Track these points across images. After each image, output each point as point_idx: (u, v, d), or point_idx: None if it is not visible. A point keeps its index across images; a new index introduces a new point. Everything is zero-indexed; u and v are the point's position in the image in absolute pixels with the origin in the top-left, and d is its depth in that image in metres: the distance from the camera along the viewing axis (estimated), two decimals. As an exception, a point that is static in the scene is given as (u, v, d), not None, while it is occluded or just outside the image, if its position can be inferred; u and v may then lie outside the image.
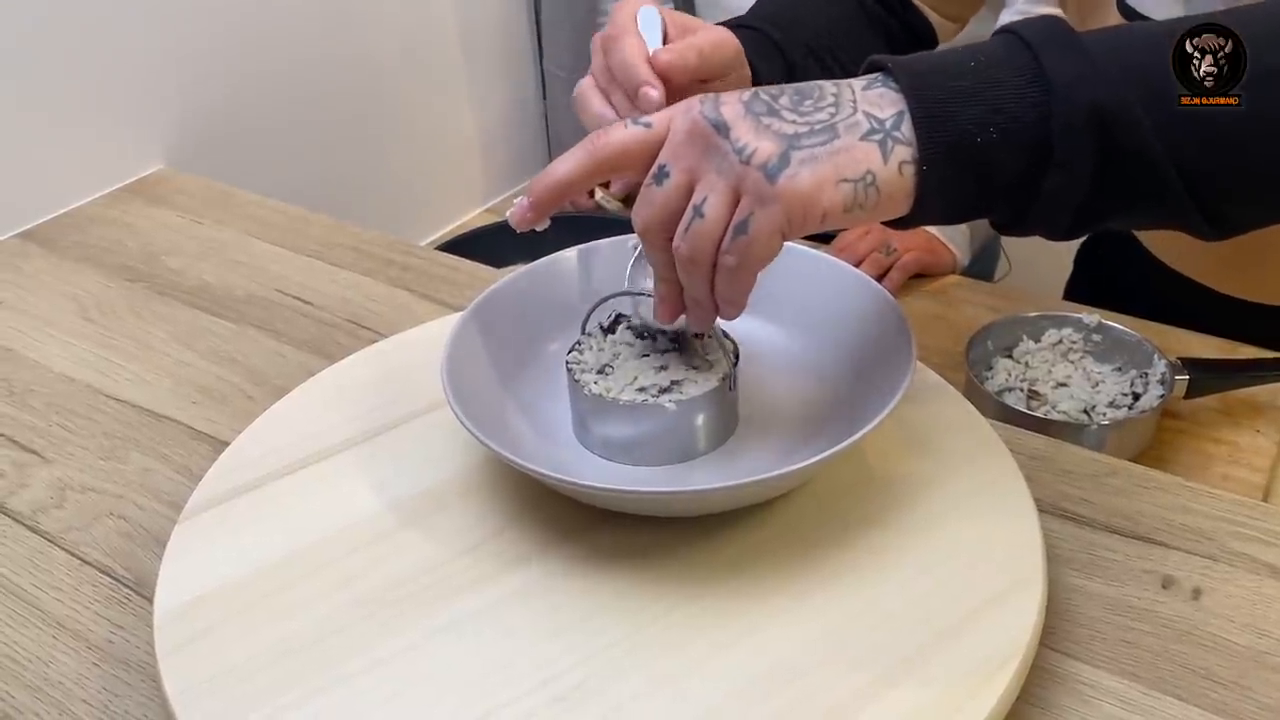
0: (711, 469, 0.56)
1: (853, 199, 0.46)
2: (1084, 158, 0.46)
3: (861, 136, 0.46)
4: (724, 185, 0.47)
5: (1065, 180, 0.46)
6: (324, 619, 0.51)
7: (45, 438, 0.70)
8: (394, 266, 0.87)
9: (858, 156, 0.46)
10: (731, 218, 0.47)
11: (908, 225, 0.49)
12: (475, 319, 0.60)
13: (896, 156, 0.46)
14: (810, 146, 0.46)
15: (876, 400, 0.52)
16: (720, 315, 0.51)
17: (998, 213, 0.49)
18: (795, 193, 0.45)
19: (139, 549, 0.61)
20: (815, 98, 0.47)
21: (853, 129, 0.46)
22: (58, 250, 0.92)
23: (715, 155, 0.47)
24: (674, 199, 0.48)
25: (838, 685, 0.46)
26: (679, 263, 0.49)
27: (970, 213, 0.49)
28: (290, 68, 1.19)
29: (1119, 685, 0.50)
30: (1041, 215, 0.48)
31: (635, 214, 0.50)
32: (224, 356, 0.77)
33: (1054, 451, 0.63)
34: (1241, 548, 0.56)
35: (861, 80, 0.48)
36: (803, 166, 0.45)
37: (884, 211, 0.47)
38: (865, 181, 0.46)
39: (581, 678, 0.47)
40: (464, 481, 0.58)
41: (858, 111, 0.47)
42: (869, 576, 0.51)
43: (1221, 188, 0.48)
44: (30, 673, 0.54)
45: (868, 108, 0.47)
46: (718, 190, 0.47)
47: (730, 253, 0.47)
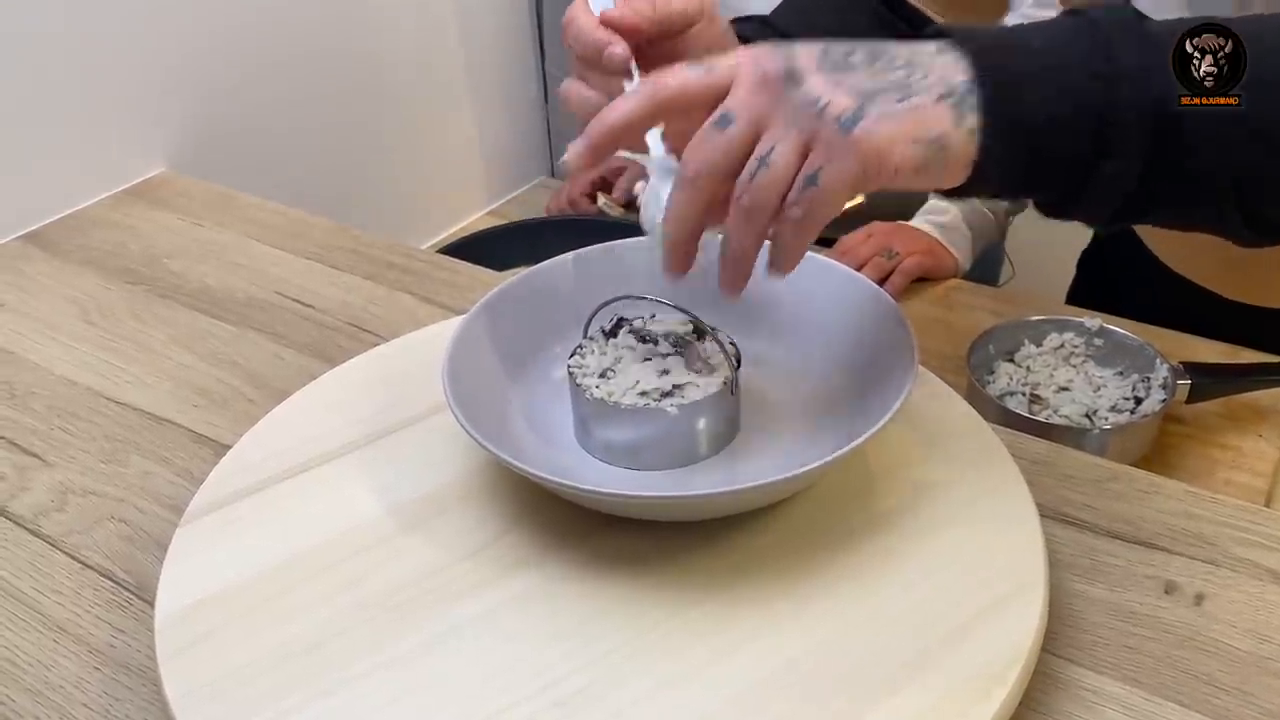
0: (713, 473, 0.56)
1: (924, 160, 0.46)
2: (1141, 149, 0.46)
3: (937, 99, 0.46)
4: (794, 135, 0.46)
5: (1119, 169, 0.46)
6: (325, 623, 0.50)
7: (46, 441, 0.70)
8: (395, 269, 0.87)
9: (931, 117, 0.45)
10: (799, 169, 0.46)
11: (959, 195, 0.49)
12: (477, 322, 0.60)
13: (966, 123, 0.46)
14: (886, 102, 0.45)
15: (878, 405, 0.52)
16: (776, 270, 0.49)
17: (1047, 192, 0.49)
18: (870, 146, 0.45)
19: (140, 552, 0.61)
20: (888, 57, 0.47)
21: (928, 90, 0.46)
22: (59, 253, 0.92)
23: (786, 105, 0.46)
24: (736, 146, 0.47)
25: (840, 691, 0.46)
26: (736, 213, 0.47)
27: (1022, 189, 0.49)
28: (292, 71, 1.19)
29: (1121, 691, 0.50)
30: (1090, 201, 0.48)
31: (688, 157, 0.48)
32: (225, 359, 0.77)
33: (1056, 456, 0.63)
34: (1244, 553, 0.56)
35: (930, 45, 0.48)
36: (879, 122, 0.45)
37: (946, 177, 0.47)
38: (938, 144, 0.45)
39: (582, 683, 0.47)
40: (465, 485, 0.58)
41: (931, 74, 0.46)
42: (871, 582, 0.51)
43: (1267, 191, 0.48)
44: (31, 676, 0.54)
45: (941, 72, 0.46)
46: (787, 140, 0.46)
47: (797, 204, 0.46)
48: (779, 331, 0.63)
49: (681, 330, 0.59)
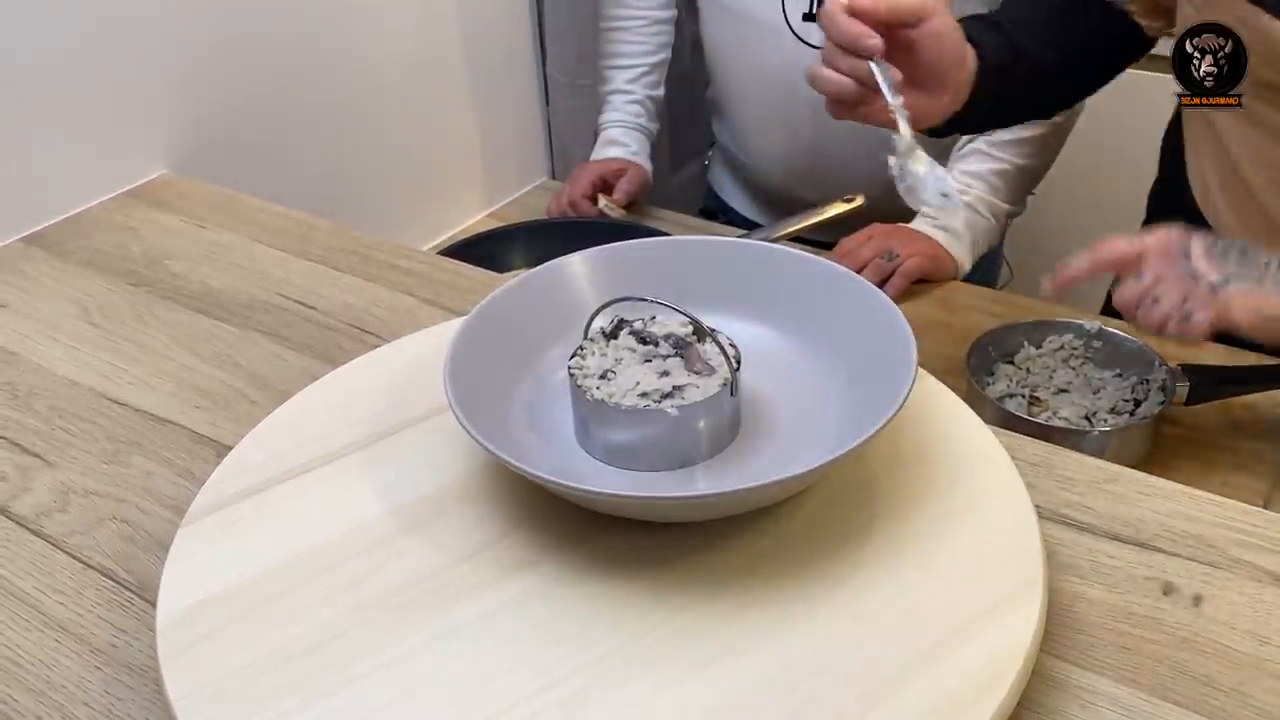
0: (713, 474, 0.56)
1: (1259, 326, 0.69)
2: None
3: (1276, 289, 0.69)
4: (1178, 290, 0.71)
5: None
6: (326, 623, 0.51)
7: (48, 441, 0.70)
8: (397, 271, 0.87)
9: (1273, 302, 0.69)
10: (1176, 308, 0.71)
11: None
12: (478, 324, 0.60)
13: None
14: (1244, 282, 0.69)
15: (878, 406, 0.52)
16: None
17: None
18: (1225, 303, 0.69)
19: (141, 552, 0.61)
20: (1255, 254, 0.70)
21: (1275, 281, 0.69)
22: (61, 254, 0.93)
23: (1177, 271, 0.71)
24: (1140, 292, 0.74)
25: (838, 692, 0.46)
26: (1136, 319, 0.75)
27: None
28: (293, 73, 1.19)
29: (1119, 692, 0.50)
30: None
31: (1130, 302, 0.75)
32: (227, 360, 0.77)
33: (1055, 458, 0.63)
34: (1243, 555, 0.56)
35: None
36: (1235, 291, 0.69)
37: (1269, 338, 0.72)
38: (1272, 319, 0.68)
39: (582, 684, 0.47)
40: (466, 486, 0.58)
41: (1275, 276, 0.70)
42: (870, 582, 0.51)
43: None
44: (33, 676, 0.54)
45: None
46: (1173, 293, 0.71)
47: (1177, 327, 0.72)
48: (779, 333, 0.63)
49: (682, 332, 0.59)
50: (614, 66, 1.39)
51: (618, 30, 1.38)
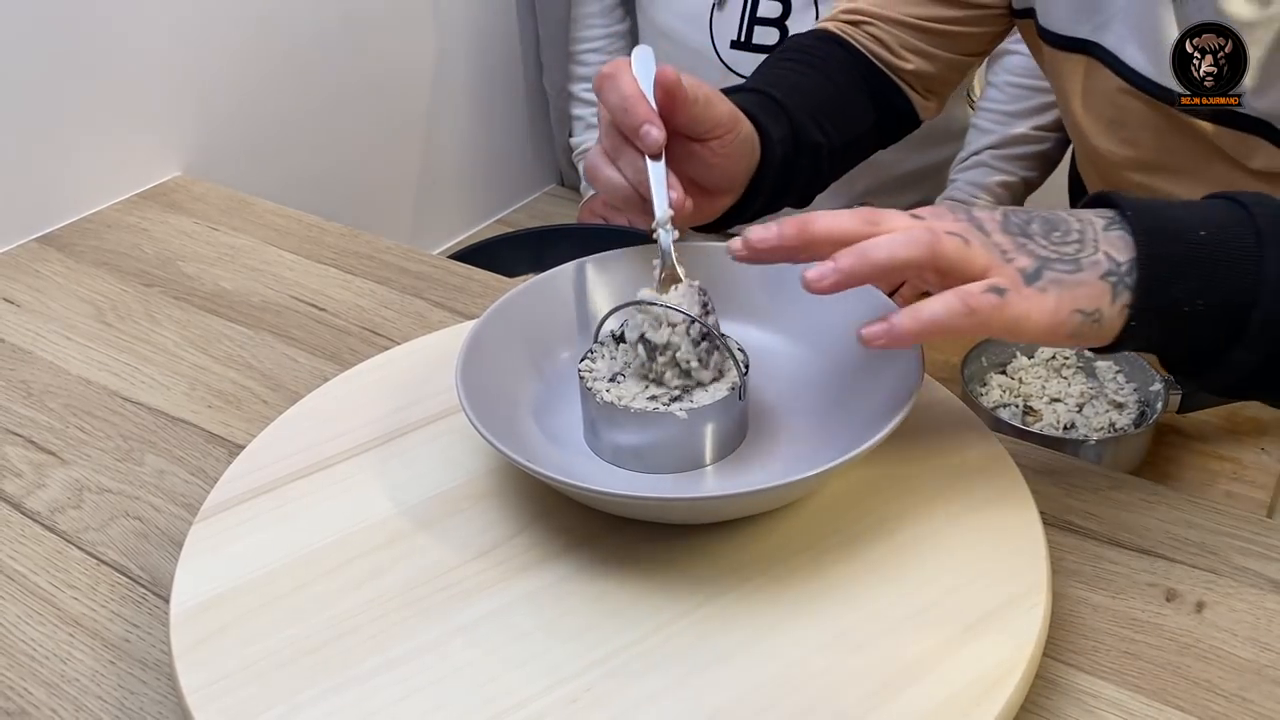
0: (721, 477, 0.57)
1: (1078, 328, 0.50)
2: (1269, 349, 0.50)
3: (1100, 275, 0.50)
4: (982, 256, 0.50)
5: (1245, 359, 0.51)
6: (338, 619, 0.51)
7: (62, 439, 0.71)
8: (408, 275, 0.88)
9: (1094, 293, 0.50)
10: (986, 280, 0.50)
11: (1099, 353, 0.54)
12: (489, 326, 0.61)
13: (1120, 300, 0.50)
14: (1059, 271, 0.50)
15: (884, 411, 0.53)
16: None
17: (1177, 363, 0.55)
18: (1041, 303, 0.49)
19: (154, 549, 0.62)
20: (1063, 230, 0.52)
21: (1094, 266, 0.50)
22: (76, 255, 0.93)
23: (977, 236, 0.51)
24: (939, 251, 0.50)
25: (843, 692, 0.47)
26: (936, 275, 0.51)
27: (1155, 353, 0.55)
28: (306, 80, 1.20)
29: (1122, 696, 0.50)
30: (1213, 379, 0.53)
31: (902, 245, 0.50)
32: (239, 361, 0.78)
33: (1059, 464, 0.64)
34: (1245, 563, 0.57)
35: (1101, 219, 0.52)
36: (1051, 285, 0.50)
37: (1093, 341, 0.52)
38: (1093, 317, 0.50)
39: (592, 681, 0.48)
40: (477, 487, 0.59)
41: (1099, 251, 0.51)
42: (875, 585, 0.51)
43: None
44: (47, 670, 0.55)
45: (1108, 248, 0.51)
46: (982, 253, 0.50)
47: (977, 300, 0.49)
48: (787, 338, 0.64)
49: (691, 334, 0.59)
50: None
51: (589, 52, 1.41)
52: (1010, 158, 1.17)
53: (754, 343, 0.61)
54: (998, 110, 1.20)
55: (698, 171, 0.64)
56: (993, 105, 1.20)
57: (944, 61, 0.83)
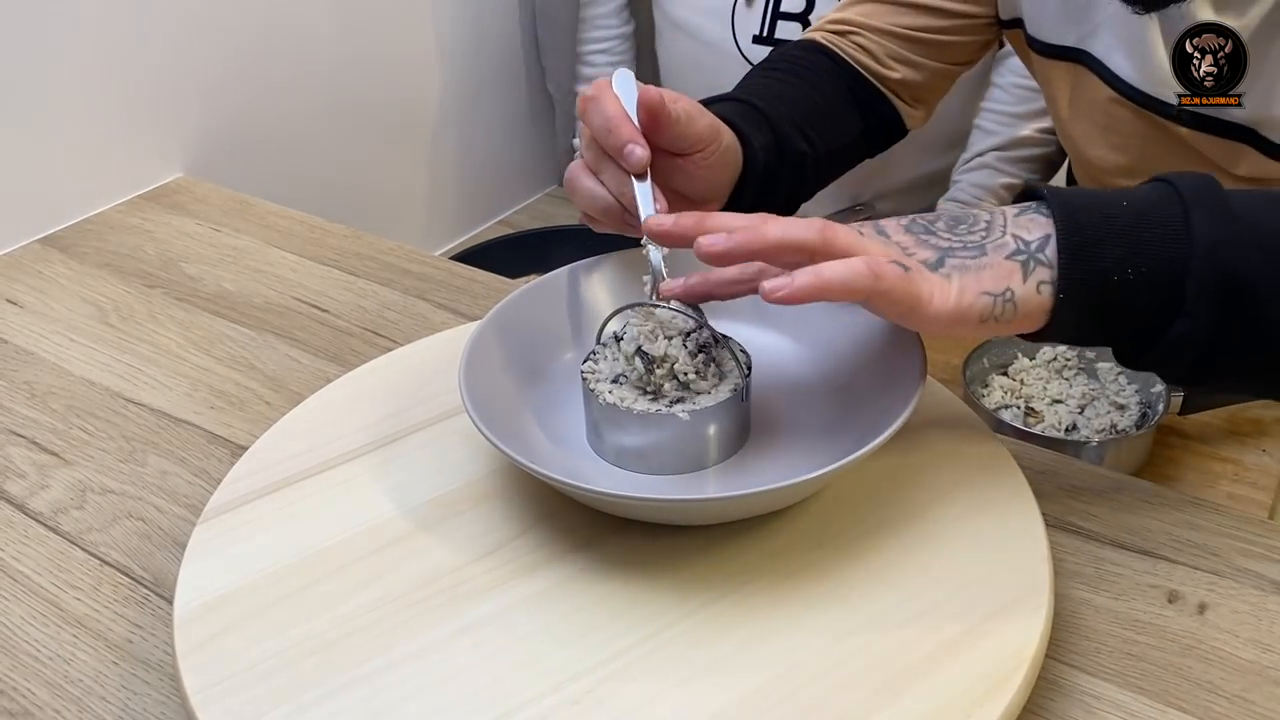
0: (723, 478, 0.57)
1: (990, 310, 0.50)
2: (1209, 317, 0.49)
3: (1007, 255, 0.50)
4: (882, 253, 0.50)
5: (1188, 332, 0.49)
6: (341, 620, 0.51)
7: (65, 440, 0.71)
8: (410, 276, 0.88)
9: (1000, 274, 0.50)
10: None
11: (1038, 340, 0.53)
12: (492, 328, 0.61)
13: (1036, 277, 0.50)
14: (961, 258, 0.51)
15: (887, 413, 0.53)
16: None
17: (1120, 347, 0.53)
18: (944, 287, 0.50)
19: (157, 550, 0.62)
20: (969, 223, 0.52)
21: (1000, 248, 0.51)
22: (78, 256, 0.93)
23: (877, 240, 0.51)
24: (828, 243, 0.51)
25: (846, 694, 0.47)
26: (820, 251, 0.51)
27: (1096, 340, 0.53)
28: (309, 81, 1.20)
29: (1124, 698, 0.50)
30: (1160, 359, 0.52)
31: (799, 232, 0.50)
32: (241, 362, 0.78)
33: (1062, 466, 0.64)
34: (1247, 564, 0.57)
35: (1015, 207, 0.52)
36: (953, 271, 0.50)
37: (1018, 326, 0.51)
38: (1004, 297, 0.50)
39: (594, 683, 0.48)
40: (479, 488, 0.59)
41: (1006, 234, 0.51)
42: (877, 586, 0.52)
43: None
44: (50, 671, 0.55)
45: (1016, 230, 0.51)
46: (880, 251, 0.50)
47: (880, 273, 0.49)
48: (789, 339, 0.64)
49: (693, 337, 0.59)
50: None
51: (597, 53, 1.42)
52: (1015, 160, 1.17)
53: (756, 344, 0.61)
54: (1003, 111, 1.20)
55: (681, 184, 0.64)
56: (997, 106, 1.20)
57: (931, 71, 0.83)
